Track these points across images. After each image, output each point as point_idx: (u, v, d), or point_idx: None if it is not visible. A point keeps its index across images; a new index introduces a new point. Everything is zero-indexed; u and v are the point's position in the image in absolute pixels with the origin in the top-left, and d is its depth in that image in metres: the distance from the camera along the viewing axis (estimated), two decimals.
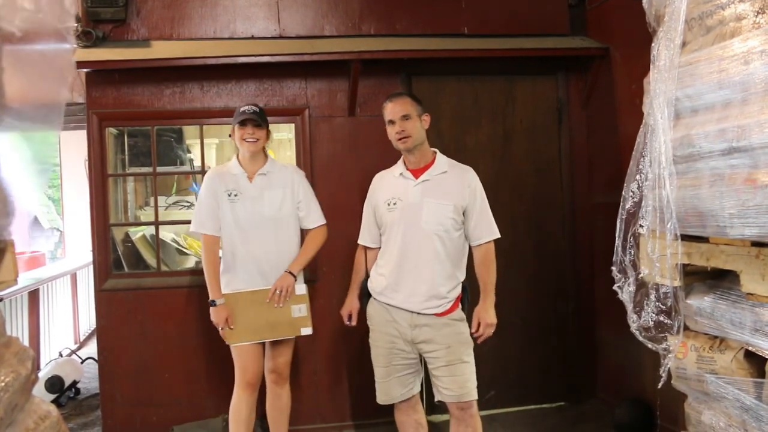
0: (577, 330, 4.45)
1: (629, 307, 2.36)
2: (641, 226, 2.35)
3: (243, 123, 3.31)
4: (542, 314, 4.42)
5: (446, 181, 3.08)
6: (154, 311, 4.05)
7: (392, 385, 3.11)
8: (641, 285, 2.35)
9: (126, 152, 4.65)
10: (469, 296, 3.14)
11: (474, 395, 3.00)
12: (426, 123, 3.12)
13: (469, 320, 3.06)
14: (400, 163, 3.19)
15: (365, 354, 3.23)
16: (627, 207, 2.42)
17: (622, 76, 4.06)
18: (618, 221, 2.43)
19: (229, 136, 3.45)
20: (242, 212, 3.35)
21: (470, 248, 3.14)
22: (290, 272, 3.34)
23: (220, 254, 3.41)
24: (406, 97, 3.14)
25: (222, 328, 3.32)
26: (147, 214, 4.86)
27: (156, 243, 4.28)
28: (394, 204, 3.09)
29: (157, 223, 4.22)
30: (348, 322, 3.27)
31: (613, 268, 2.46)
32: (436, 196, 3.04)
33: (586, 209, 4.44)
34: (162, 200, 4.90)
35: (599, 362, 4.42)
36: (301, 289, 3.37)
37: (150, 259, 4.48)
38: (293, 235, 3.44)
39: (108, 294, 4.03)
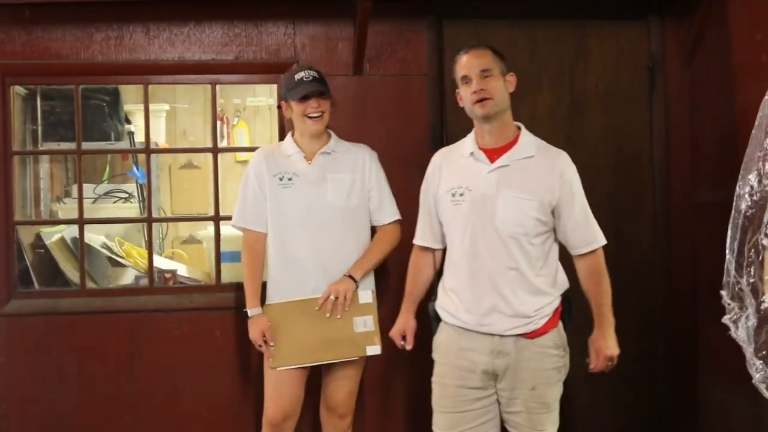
0: (671, 381, 4.43)
1: (748, 349, 2.34)
2: (767, 236, 2.34)
3: (305, 97, 3.50)
4: (623, 358, 4.38)
5: (531, 168, 3.15)
6: (77, 345, 4.05)
7: None
8: (766, 318, 2.33)
9: (39, 121, 4.67)
10: (571, 313, 3.25)
11: None
12: (511, 85, 3.23)
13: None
14: (470, 138, 3.28)
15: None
16: (743, 207, 2.40)
17: (742, 20, 4.03)
18: (730, 227, 2.41)
19: (279, 108, 3.59)
20: (299, 200, 3.58)
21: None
22: (351, 276, 3.53)
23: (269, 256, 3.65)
24: (487, 48, 3.22)
25: (260, 346, 3.55)
26: (67, 209, 4.88)
27: (80, 249, 4.28)
28: (461, 195, 3.18)
29: (81, 222, 4.22)
30: (402, 343, 3.41)
31: (723, 293, 2.45)
32: (516, 188, 3.11)
33: (686, 211, 4.42)
34: (89, 189, 4.92)
35: (702, 426, 4.40)
36: (366, 296, 3.58)
37: (71, 271, 4.49)
38: (364, 231, 3.68)
39: (10, 320, 4.05)
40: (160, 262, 4.62)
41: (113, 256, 4.99)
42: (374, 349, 3.56)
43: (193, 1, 4.01)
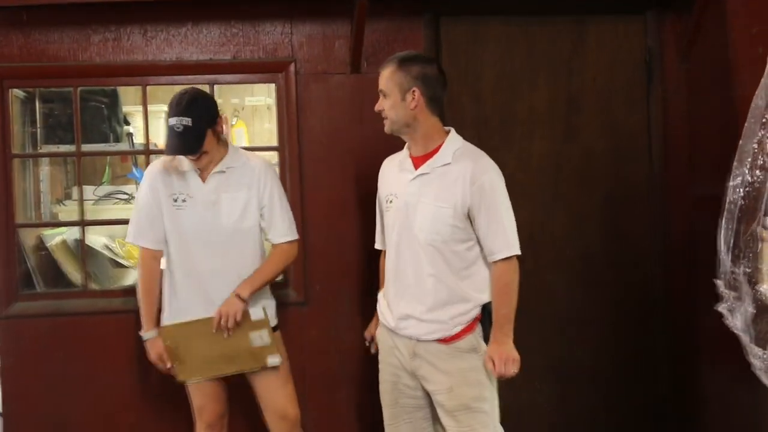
0: (672, 371, 4.46)
1: (745, 338, 2.37)
2: (765, 227, 2.36)
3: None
4: (622, 353, 4.43)
5: (448, 175, 3.18)
6: (80, 346, 4.09)
7: (401, 430, 3.30)
8: (764, 308, 2.35)
9: (38, 124, 4.67)
10: (491, 320, 3.21)
11: None
12: (414, 102, 3.17)
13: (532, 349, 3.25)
14: (406, 146, 3.35)
15: (374, 401, 3.30)
16: (737, 197, 2.43)
17: (738, 15, 4.05)
18: (725, 218, 2.44)
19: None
20: (193, 221, 3.53)
21: None
22: (238, 295, 3.45)
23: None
24: (388, 64, 3.24)
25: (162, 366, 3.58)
26: (68, 211, 4.89)
27: (81, 251, 4.32)
28: (391, 202, 3.28)
29: (82, 224, 4.27)
30: (368, 344, 3.54)
31: (719, 281, 2.47)
32: (433, 196, 3.16)
33: (685, 205, 4.43)
34: (89, 191, 4.94)
35: (704, 416, 4.42)
36: (257, 313, 3.52)
37: (73, 273, 4.51)
38: (256, 251, 3.63)
39: (14, 322, 4.08)
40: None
41: (115, 258, 5.01)
42: (274, 359, 3.54)
43: (190, 1, 4.02)
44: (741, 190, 2.40)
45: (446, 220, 3.12)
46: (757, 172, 2.37)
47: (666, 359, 4.47)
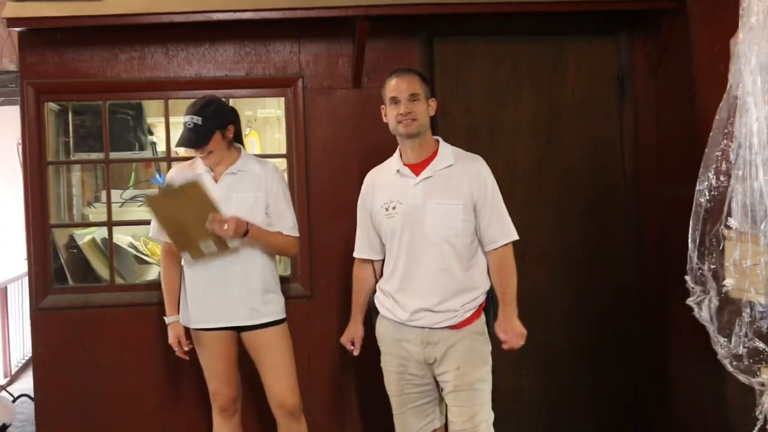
0: (644, 358, 4.44)
1: (711, 328, 2.35)
2: (727, 226, 2.35)
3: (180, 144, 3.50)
4: (600, 339, 4.41)
5: (453, 175, 3.21)
6: (107, 335, 4.07)
7: (407, 417, 3.27)
8: (727, 301, 2.34)
9: (71, 134, 4.66)
10: (495, 307, 3.25)
11: (484, 430, 3.13)
12: (432, 109, 3.27)
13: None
14: (395, 157, 3.33)
15: (374, 387, 3.26)
16: (704, 201, 2.42)
17: (702, 35, 4.04)
18: (692, 219, 2.43)
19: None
20: None
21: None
22: (248, 227, 3.40)
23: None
24: (415, 74, 3.27)
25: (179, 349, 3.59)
26: (97, 213, 4.87)
27: (109, 249, 4.29)
28: (394, 208, 3.23)
29: (110, 224, 4.24)
30: (351, 348, 3.44)
31: (687, 277, 2.46)
32: (442, 196, 3.17)
33: (655, 206, 4.42)
34: (116, 195, 4.92)
35: (673, 400, 4.40)
36: (233, 242, 3.43)
37: (101, 269, 4.49)
38: (259, 250, 3.58)
39: (47, 314, 4.06)
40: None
41: (139, 255, 5.00)
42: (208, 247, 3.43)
43: (207, 23, 4.00)
44: (707, 193, 2.39)
45: (457, 216, 3.14)
46: (721, 177, 2.36)
47: (640, 346, 4.45)
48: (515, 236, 3.24)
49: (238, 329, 3.57)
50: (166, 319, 3.61)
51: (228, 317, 3.52)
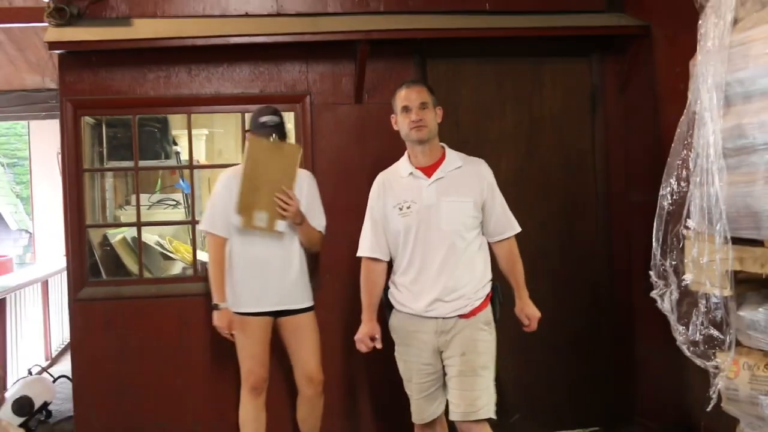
0: (613, 345, 4.45)
1: (672, 318, 2.37)
2: (687, 227, 2.36)
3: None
4: (574, 327, 4.41)
5: (462, 176, 3.21)
6: (136, 324, 4.08)
7: (421, 404, 3.24)
8: (686, 293, 2.35)
9: (104, 144, 4.68)
10: (500, 297, 3.27)
11: (484, 414, 3.07)
12: (439, 117, 3.26)
13: (499, 323, 3.24)
14: (404, 161, 3.28)
15: (377, 376, 3.26)
16: (666, 205, 2.43)
17: (664, 58, 4.06)
18: (656, 221, 2.44)
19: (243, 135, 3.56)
20: None
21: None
22: (303, 214, 3.54)
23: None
24: (424, 85, 3.27)
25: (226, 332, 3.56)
26: (128, 214, 4.89)
27: (138, 247, 4.31)
28: (408, 207, 3.18)
29: (139, 225, 4.25)
30: (371, 344, 3.27)
31: (651, 273, 2.47)
32: (454, 194, 3.15)
33: (623, 209, 4.44)
34: (145, 198, 4.94)
35: (639, 381, 4.41)
36: (280, 226, 3.51)
37: (131, 264, 4.51)
38: (297, 245, 3.64)
39: (84, 304, 4.07)
40: (202, 256, 4.62)
41: (165, 252, 5.01)
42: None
43: (226, 46, 4.01)
44: (669, 198, 2.41)
45: (468, 212, 3.16)
46: (682, 183, 2.37)
47: (609, 333, 4.46)
48: (519, 228, 3.28)
49: (278, 314, 3.60)
50: (220, 305, 3.54)
51: (275, 302, 3.58)
